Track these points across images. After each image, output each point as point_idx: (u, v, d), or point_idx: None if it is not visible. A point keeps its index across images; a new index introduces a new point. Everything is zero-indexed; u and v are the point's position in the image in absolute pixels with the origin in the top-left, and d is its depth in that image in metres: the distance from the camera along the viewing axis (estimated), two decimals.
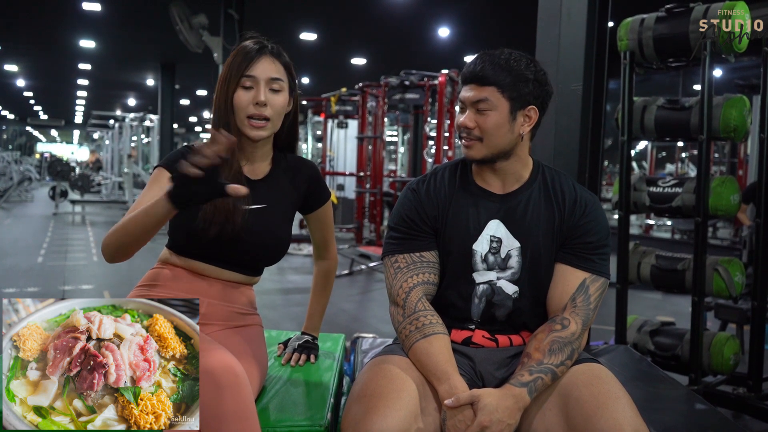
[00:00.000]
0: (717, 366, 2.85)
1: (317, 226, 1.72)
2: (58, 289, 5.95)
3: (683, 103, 2.89)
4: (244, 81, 1.47)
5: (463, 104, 1.43)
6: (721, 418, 1.92)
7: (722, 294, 2.83)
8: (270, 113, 1.48)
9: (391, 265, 1.47)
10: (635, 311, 3.32)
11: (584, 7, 2.64)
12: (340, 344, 1.93)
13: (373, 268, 7.37)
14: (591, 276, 1.42)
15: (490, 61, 1.39)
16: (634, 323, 3.11)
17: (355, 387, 1.34)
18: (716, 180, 2.83)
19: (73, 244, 8.96)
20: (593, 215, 1.46)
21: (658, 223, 12.35)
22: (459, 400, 1.26)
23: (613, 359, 2.25)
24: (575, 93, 2.65)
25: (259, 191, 1.53)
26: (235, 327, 1.55)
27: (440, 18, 10.47)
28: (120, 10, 10.70)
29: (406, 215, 1.49)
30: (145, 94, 21.18)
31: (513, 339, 1.48)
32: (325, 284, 1.79)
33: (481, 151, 1.42)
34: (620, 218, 3.06)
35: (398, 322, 1.43)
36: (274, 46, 1.53)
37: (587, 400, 1.25)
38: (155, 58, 14.93)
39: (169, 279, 1.51)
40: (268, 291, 5.99)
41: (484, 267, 1.45)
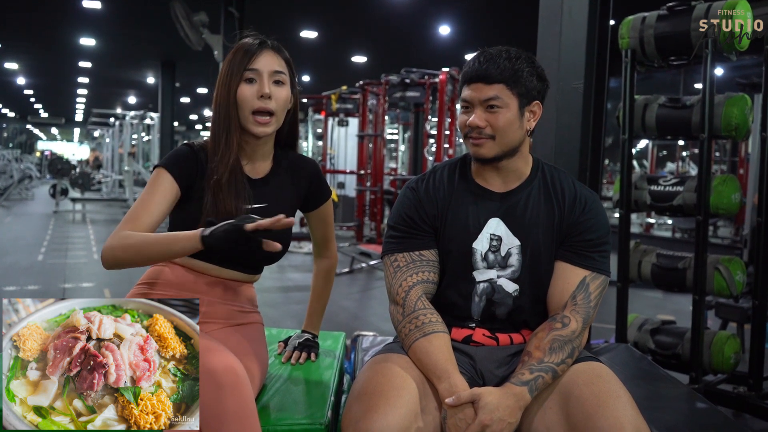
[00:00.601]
0: (717, 365, 2.85)
1: (318, 225, 1.71)
2: (58, 286, 5.95)
3: (684, 102, 2.89)
4: (247, 74, 1.46)
5: (468, 103, 1.42)
6: (721, 417, 1.91)
7: (723, 293, 2.83)
8: (274, 106, 1.47)
9: (390, 264, 1.47)
10: (636, 310, 3.32)
11: (585, 5, 2.64)
12: (341, 342, 1.93)
13: (374, 266, 7.37)
14: (591, 274, 1.42)
15: (493, 59, 1.39)
16: (635, 322, 3.11)
17: (356, 385, 1.34)
18: (717, 179, 2.82)
19: (74, 242, 8.97)
20: (593, 213, 1.46)
21: (658, 221, 12.34)
22: (459, 399, 1.26)
23: (613, 358, 2.25)
24: (576, 91, 2.65)
25: (260, 190, 1.53)
26: (236, 325, 1.54)
27: (441, 16, 10.46)
28: (120, 8, 10.71)
29: (406, 214, 1.48)
30: (145, 92, 21.19)
31: (513, 337, 1.47)
32: (326, 282, 1.79)
33: (493, 150, 1.42)
34: (621, 217, 3.06)
35: (398, 321, 1.43)
36: (274, 42, 1.53)
37: (588, 398, 1.24)
38: (155, 56, 14.94)
39: (170, 277, 1.51)
40: (269, 289, 5.99)
41: (484, 265, 1.45)
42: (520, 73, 1.39)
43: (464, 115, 1.43)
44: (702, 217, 2.77)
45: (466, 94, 1.42)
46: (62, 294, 5.62)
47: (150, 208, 1.40)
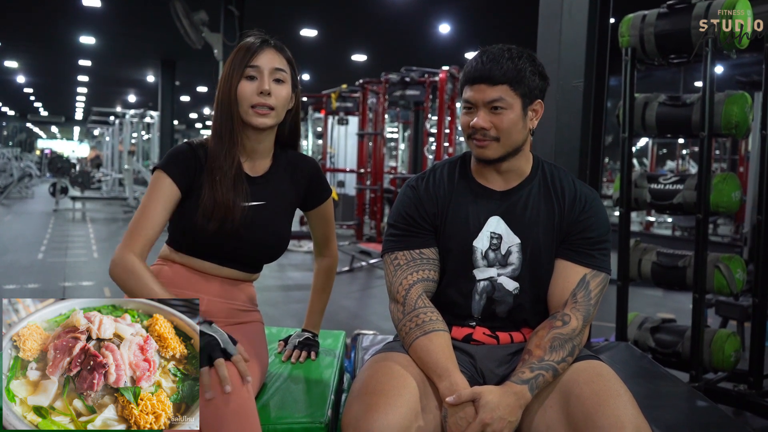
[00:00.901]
0: (718, 363, 2.85)
1: (318, 223, 1.72)
2: (58, 285, 5.95)
3: (684, 100, 2.88)
4: (248, 71, 1.47)
5: (471, 105, 1.41)
6: (721, 415, 1.91)
7: (723, 291, 2.83)
8: (274, 103, 1.48)
9: (390, 262, 1.47)
10: (636, 308, 3.32)
11: (585, 4, 2.64)
12: (341, 341, 1.93)
13: (374, 265, 7.37)
14: (591, 271, 1.42)
15: (496, 60, 1.38)
16: (635, 320, 3.11)
17: (356, 384, 1.34)
18: (717, 177, 2.82)
19: (74, 241, 8.97)
20: (593, 211, 1.45)
21: (659, 220, 12.34)
22: (460, 398, 1.26)
23: (613, 356, 2.25)
24: (576, 90, 2.65)
25: (258, 188, 1.53)
26: (236, 324, 1.55)
27: (441, 14, 10.45)
28: (120, 6, 10.70)
29: (406, 212, 1.48)
30: (145, 90, 21.18)
31: (514, 336, 1.47)
32: (326, 281, 1.79)
33: (498, 151, 1.41)
34: (621, 215, 3.06)
35: (398, 320, 1.43)
36: (277, 41, 1.54)
37: (588, 397, 1.24)
38: (155, 55, 14.93)
39: (169, 276, 1.51)
40: (269, 288, 6.00)
41: (484, 264, 1.45)
42: (524, 72, 1.38)
43: (467, 116, 1.42)
44: (702, 215, 2.77)
45: (469, 95, 1.41)
46: (62, 292, 5.62)
47: (152, 219, 1.42)
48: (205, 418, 1.17)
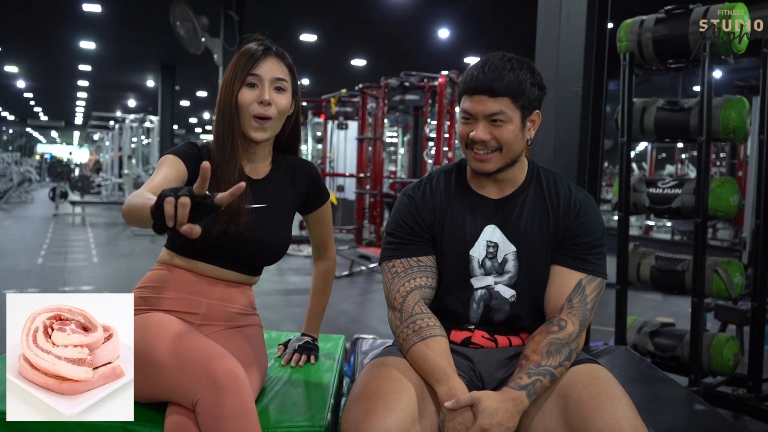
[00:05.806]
0: (717, 367, 2.85)
1: (316, 227, 1.73)
2: (58, 290, 5.95)
3: (683, 105, 2.89)
4: (248, 79, 1.48)
5: (471, 116, 1.40)
6: (720, 419, 1.92)
7: (722, 295, 2.83)
8: (273, 113, 1.49)
9: (388, 270, 1.47)
10: (635, 312, 3.32)
11: (584, 9, 2.64)
12: (340, 345, 1.94)
13: (373, 270, 7.37)
14: (587, 276, 1.42)
15: (497, 71, 1.36)
16: (634, 324, 3.11)
17: (355, 388, 1.34)
18: (716, 181, 2.83)
19: (73, 245, 8.96)
20: (588, 216, 1.46)
21: (657, 224, 12.34)
22: (458, 402, 1.26)
23: (612, 360, 2.25)
24: (575, 94, 2.66)
25: (259, 191, 1.54)
26: (235, 327, 1.55)
27: (440, 19, 10.47)
28: (120, 11, 10.71)
29: (403, 221, 1.49)
30: (145, 95, 21.18)
31: (512, 339, 1.48)
32: (325, 285, 1.80)
33: (498, 163, 1.41)
34: (620, 219, 3.06)
35: (396, 326, 1.43)
36: (279, 48, 1.54)
37: (586, 400, 1.25)
38: (155, 60, 14.94)
39: (169, 280, 1.51)
40: (268, 292, 5.99)
41: (481, 272, 1.45)
42: (524, 84, 1.37)
43: (466, 127, 1.41)
44: (701, 220, 2.77)
45: (469, 106, 1.39)
46: None
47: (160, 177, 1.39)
48: (206, 420, 1.18)
